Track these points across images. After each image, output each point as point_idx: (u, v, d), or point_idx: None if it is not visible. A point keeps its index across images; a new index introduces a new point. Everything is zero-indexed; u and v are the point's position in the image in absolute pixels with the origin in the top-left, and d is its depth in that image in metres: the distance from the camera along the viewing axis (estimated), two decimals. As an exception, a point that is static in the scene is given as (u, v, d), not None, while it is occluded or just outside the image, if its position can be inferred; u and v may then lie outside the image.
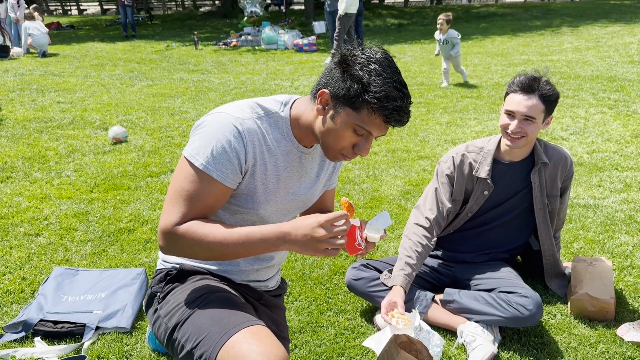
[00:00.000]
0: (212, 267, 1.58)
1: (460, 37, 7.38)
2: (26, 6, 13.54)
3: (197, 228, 1.35)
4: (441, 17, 7.44)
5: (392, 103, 1.31)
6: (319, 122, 1.41)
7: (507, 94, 2.32)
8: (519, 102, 2.25)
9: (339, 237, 1.29)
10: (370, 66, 1.32)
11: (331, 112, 1.38)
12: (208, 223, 1.37)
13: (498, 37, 12.91)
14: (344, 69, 1.35)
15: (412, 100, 1.37)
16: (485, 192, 2.43)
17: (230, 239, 1.34)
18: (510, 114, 2.28)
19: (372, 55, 1.35)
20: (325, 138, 1.41)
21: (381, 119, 1.34)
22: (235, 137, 1.37)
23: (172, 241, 1.37)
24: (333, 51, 10.09)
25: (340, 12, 9.80)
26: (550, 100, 2.26)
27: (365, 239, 1.44)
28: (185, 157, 1.39)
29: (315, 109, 1.41)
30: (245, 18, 15.67)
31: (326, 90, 1.37)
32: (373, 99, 1.31)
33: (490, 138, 2.47)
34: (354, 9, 9.85)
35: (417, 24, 16.95)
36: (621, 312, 2.44)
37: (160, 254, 1.66)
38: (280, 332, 1.72)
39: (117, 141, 5.18)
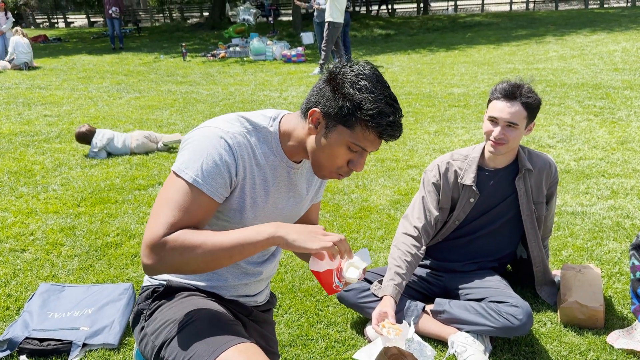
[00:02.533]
0: (200, 283, 1.55)
1: None
2: (13, 20, 13.47)
3: (187, 235, 1.30)
4: None
5: (385, 119, 1.32)
6: (311, 141, 1.40)
7: (489, 100, 2.35)
8: (502, 108, 2.27)
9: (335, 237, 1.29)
10: (360, 83, 1.32)
11: (323, 130, 1.37)
12: (197, 230, 1.33)
13: (484, 46, 13.03)
14: (334, 88, 1.35)
15: (403, 114, 1.38)
16: (472, 200, 2.44)
17: (224, 238, 1.29)
18: (494, 121, 2.31)
19: (361, 71, 1.35)
20: (318, 156, 1.40)
21: (375, 134, 1.34)
22: (226, 151, 1.36)
23: (161, 254, 1.29)
24: (321, 62, 10.12)
25: (326, 18, 9.87)
26: (532, 107, 2.29)
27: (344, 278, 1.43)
28: (174, 172, 1.36)
29: (307, 128, 1.40)
30: (232, 27, 15.67)
31: (317, 109, 1.36)
32: (366, 117, 1.31)
33: (474, 146, 2.49)
34: (340, 19, 9.91)
35: (403, 34, 17.07)
36: (611, 319, 2.45)
37: (147, 269, 1.64)
38: (270, 347, 1.70)
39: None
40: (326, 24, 9.94)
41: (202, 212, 1.36)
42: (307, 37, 14.49)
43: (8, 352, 2.28)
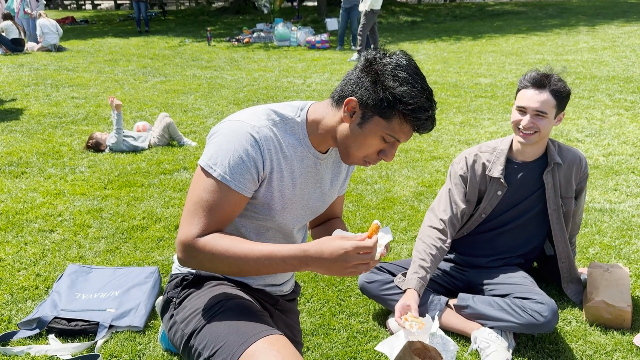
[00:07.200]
0: None
1: None
2: (45, 2, 13.61)
3: (217, 242, 1.33)
4: None
5: (424, 113, 1.34)
6: (343, 129, 1.40)
7: (518, 90, 2.32)
8: (531, 97, 2.24)
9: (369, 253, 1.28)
10: (400, 75, 1.33)
11: (358, 119, 1.38)
12: (228, 237, 1.35)
13: (512, 35, 12.79)
14: (374, 79, 1.35)
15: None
16: (499, 192, 2.41)
17: (251, 255, 1.32)
18: (522, 110, 2.27)
19: (400, 62, 1.35)
20: (349, 145, 1.41)
21: (411, 127, 1.37)
22: (252, 146, 1.37)
23: (192, 254, 1.35)
24: (359, 48, 10.22)
25: (366, 8, 9.84)
26: (561, 96, 2.25)
27: None
28: (202, 167, 1.38)
29: (341, 117, 1.40)
30: (272, 5, 15.60)
31: (354, 99, 1.37)
32: (406, 110, 1.33)
33: (503, 138, 2.46)
34: (379, 5, 9.89)
35: (430, 21, 16.84)
36: (638, 320, 2.41)
37: (175, 258, 1.66)
38: (294, 336, 1.71)
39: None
40: (364, 11, 9.91)
41: (233, 208, 1.39)
42: (332, 23, 14.38)
43: (37, 330, 2.34)
